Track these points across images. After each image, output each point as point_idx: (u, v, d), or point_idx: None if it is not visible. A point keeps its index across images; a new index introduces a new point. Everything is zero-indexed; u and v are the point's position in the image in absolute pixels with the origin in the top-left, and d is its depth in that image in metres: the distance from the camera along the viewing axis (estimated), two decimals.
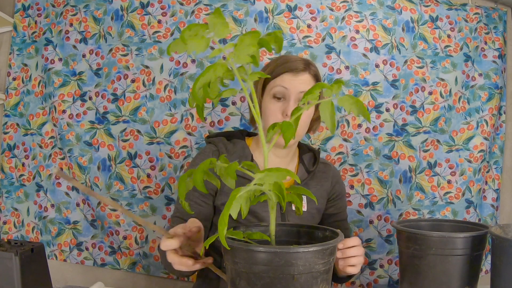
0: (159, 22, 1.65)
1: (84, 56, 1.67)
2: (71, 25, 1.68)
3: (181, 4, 1.65)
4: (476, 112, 1.65)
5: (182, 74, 1.62)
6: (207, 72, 0.66)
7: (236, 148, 1.17)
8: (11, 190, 1.70)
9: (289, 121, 0.71)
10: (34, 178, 1.69)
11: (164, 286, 1.69)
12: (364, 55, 1.62)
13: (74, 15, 1.68)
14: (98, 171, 1.63)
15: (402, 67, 1.63)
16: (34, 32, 1.72)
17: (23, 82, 1.72)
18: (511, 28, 1.72)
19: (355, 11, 1.63)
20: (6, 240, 0.92)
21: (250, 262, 0.66)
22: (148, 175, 1.63)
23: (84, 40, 1.68)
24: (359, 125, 1.61)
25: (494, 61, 1.66)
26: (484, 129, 1.64)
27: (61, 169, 1.63)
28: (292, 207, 1.14)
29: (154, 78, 1.63)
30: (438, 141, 1.64)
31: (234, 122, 1.62)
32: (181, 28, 1.62)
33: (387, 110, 1.61)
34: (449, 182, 1.63)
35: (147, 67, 1.64)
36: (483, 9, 1.69)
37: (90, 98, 1.66)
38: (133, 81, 1.64)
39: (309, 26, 1.63)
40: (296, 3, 1.63)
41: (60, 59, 1.68)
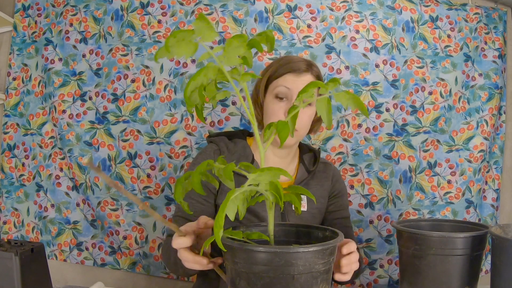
0: (159, 22, 1.65)
1: (84, 56, 1.67)
2: (71, 25, 1.68)
3: (181, 4, 1.65)
4: (476, 112, 1.65)
5: (182, 74, 1.62)
6: (198, 76, 0.66)
7: (237, 148, 1.17)
8: (11, 190, 1.70)
9: (285, 121, 0.71)
10: (34, 178, 1.69)
11: (164, 286, 1.69)
12: (364, 55, 1.62)
13: (74, 15, 1.68)
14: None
15: (402, 67, 1.63)
16: (34, 32, 1.73)
17: (23, 82, 1.72)
18: (511, 28, 1.72)
19: (355, 11, 1.63)
20: (6, 240, 0.92)
21: (250, 262, 0.66)
22: (148, 175, 1.63)
23: (84, 40, 1.68)
24: (359, 125, 1.61)
25: (494, 61, 1.66)
26: (484, 129, 1.64)
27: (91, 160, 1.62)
28: (293, 207, 1.14)
29: (154, 78, 1.63)
30: (438, 141, 1.64)
31: (234, 122, 1.62)
32: (181, 28, 1.63)
33: (387, 110, 1.61)
34: (449, 182, 1.63)
35: (147, 67, 1.64)
36: (483, 9, 1.69)
37: (90, 98, 1.66)
38: (133, 81, 1.64)
39: (309, 26, 1.63)
40: (296, 3, 1.63)
41: (60, 59, 1.68)
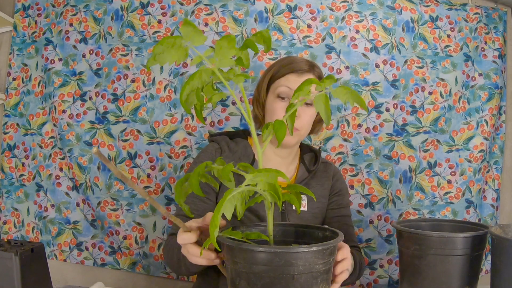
0: (159, 22, 1.65)
1: (84, 56, 1.67)
2: (71, 25, 1.68)
3: (181, 4, 1.65)
4: (476, 112, 1.65)
5: (182, 74, 1.62)
6: (192, 80, 0.67)
7: (239, 147, 1.17)
8: (11, 190, 1.70)
9: (281, 120, 0.72)
10: (34, 178, 1.69)
11: (164, 286, 1.69)
12: (364, 55, 1.62)
13: (74, 15, 1.68)
14: (98, 171, 1.63)
15: (402, 67, 1.63)
16: (34, 32, 1.72)
17: (23, 82, 1.72)
18: (511, 28, 1.72)
19: (355, 11, 1.63)
20: (6, 240, 0.92)
21: (250, 262, 0.66)
22: (148, 175, 1.63)
23: (84, 40, 1.68)
24: (359, 125, 1.61)
25: (494, 61, 1.66)
26: (484, 129, 1.64)
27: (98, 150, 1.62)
28: (293, 207, 1.14)
29: (154, 78, 1.63)
30: (438, 141, 1.64)
31: (234, 122, 1.62)
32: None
33: (387, 110, 1.61)
34: (449, 182, 1.63)
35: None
36: (483, 9, 1.68)
37: (90, 98, 1.66)
38: (133, 81, 1.64)
39: (309, 26, 1.63)
40: (296, 3, 1.63)
41: (60, 59, 1.68)
